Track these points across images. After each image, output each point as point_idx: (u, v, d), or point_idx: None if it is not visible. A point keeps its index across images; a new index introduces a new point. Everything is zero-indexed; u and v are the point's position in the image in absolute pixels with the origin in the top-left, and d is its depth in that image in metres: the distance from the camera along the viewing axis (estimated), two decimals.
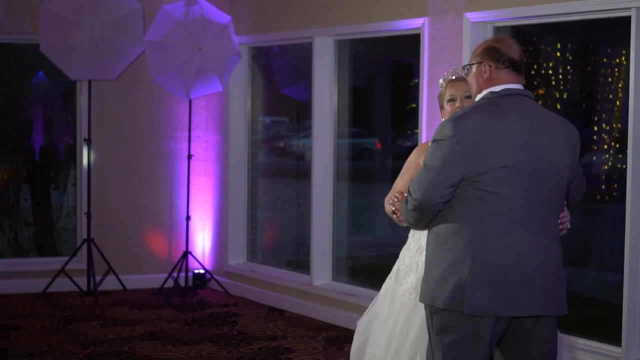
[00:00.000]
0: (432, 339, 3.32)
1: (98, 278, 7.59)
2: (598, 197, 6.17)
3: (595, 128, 6.09)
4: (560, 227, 3.39)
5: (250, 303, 7.40)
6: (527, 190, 3.20)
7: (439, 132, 3.22)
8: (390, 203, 3.69)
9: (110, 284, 7.71)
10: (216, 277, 7.85)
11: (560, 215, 3.37)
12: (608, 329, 5.25)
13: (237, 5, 7.74)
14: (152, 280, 7.87)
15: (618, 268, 5.09)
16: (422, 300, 3.34)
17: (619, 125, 5.95)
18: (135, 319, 6.76)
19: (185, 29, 7.07)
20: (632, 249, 4.94)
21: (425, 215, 3.28)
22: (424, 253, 3.73)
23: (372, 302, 4.09)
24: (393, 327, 3.83)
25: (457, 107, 3.77)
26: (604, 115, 6.06)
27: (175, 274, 7.66)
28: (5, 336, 6.20)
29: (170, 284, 7.77)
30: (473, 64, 3.39)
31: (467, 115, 3.22)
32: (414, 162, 3.88)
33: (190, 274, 7.82)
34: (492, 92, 3.32)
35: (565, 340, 5.29)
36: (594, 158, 6.17)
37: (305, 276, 7.17)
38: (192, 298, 7.51)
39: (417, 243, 3.88)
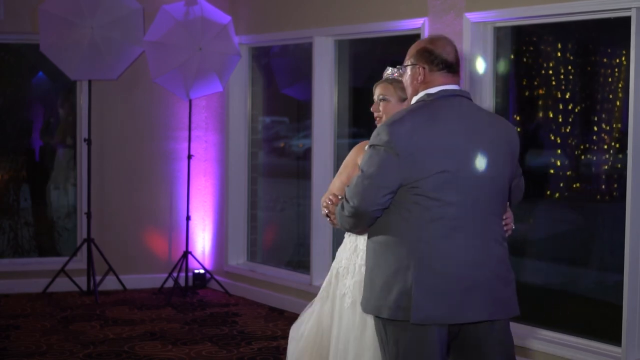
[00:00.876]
0: (384, 349, 3.25)
1: (98, 278, 7.59)
2: (598, 197, 6.16)
3: (595, 128, 6.08)
4: (505, 228, 3.32)
5: (250, 303, 7.40)
6: (468, 194, 3.11)
7: (375, 137, 3.13)
8: (324, 206, 3.59)
9: (110, 283, 7.71)
10: (216, 277, 7.85)
11: (504, 217, 3.32)
12: (608, 329, 5.25)
13: (237, 5, 7.74)
14: (152, 280, 7.87)
15: (618, 268, 5.09)
16: (365, 310, 3.26)
17: (619, 125, 5.95)
18: (135, 318, 6.76)
19: (185, 29, 7.06)
20: (632, 249, 4.94)
21: (362, 222, 3.19)
22: (360, 255, 3.67)
23: (309, 304, 3.98)
24: (337, 335, 3.76)
25: (374, 110, 3.83)
26: (604, 115, 6.06)
27: (175, 274, 7.66)
28: (5, 336, 6.20)
29: (170, 283, 7.77)
30: (407, 65, 3.30)
31: (403, 119, 3.13)
32: (351, 161, 3.79)
33: (190, 274, 7.82)
34: (428, 94, 3.22)
35: (565, 340, 5.30)
36: (594, 158, 6.17)
37: (305, 276, 7.17)
38: (192, 298, 7.51)
39: (353, 244, 3.80)
